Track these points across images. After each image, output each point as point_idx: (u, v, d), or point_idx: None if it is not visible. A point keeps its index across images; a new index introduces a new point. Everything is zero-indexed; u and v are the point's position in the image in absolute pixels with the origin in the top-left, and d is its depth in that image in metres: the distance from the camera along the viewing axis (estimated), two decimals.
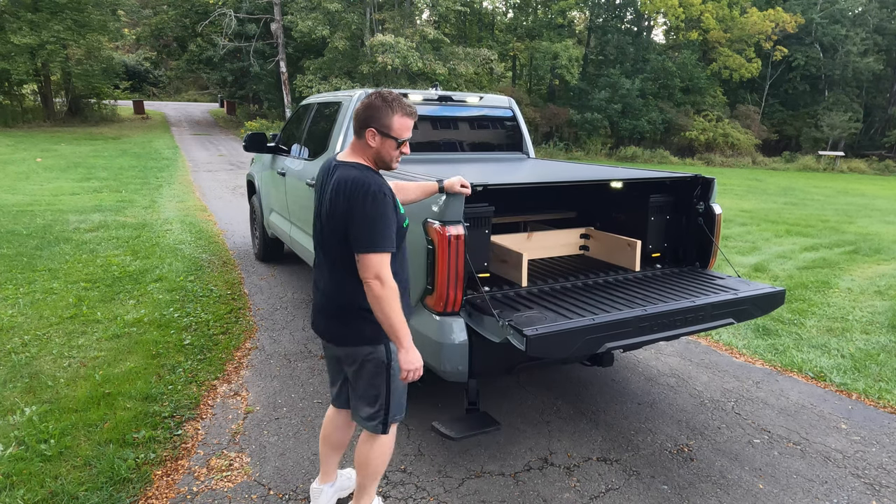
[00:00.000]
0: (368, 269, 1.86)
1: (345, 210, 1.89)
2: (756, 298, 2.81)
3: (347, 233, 1.90)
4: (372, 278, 1.86)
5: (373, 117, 1.94)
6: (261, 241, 6.10)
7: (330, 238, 1.99)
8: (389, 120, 1.94)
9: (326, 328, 2.11)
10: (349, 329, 2.04)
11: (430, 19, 27.71)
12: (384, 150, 1.98)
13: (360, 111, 1.96)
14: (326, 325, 2.11)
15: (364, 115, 1.95)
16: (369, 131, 1.95)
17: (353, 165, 1.97)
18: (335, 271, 2.02)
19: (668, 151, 28.78)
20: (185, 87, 47.08)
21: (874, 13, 31.63)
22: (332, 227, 1.96)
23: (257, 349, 4.01)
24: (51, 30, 21.50)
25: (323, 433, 2.36)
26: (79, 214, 8.22)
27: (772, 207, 12.62)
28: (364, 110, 1.95)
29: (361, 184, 1.88)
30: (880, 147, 31.68)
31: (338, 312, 2.06)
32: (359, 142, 2.00)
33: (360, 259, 1.87)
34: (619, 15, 32.59)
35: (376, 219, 1.86)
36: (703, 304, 2.66)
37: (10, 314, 4.38)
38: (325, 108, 4.54)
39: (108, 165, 14.29)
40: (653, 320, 2.51)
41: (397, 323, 1.89)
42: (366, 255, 1.86)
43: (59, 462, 2.61)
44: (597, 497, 2.54)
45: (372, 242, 1.86)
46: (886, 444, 3.05)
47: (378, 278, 1.85)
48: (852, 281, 6.24)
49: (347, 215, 1.88)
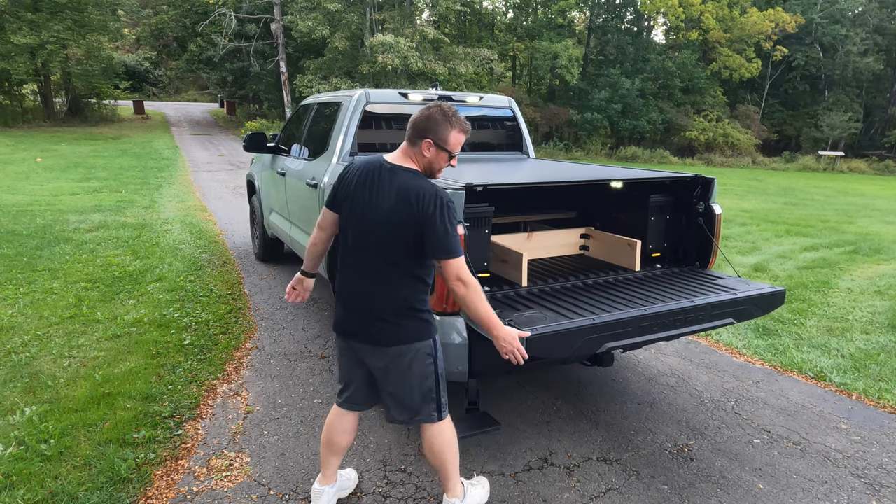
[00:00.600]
0: (451, 274, 1.97)
1: (421, 218, 1.95)
2: (756, 298, 2.81)
3: (420, 239, 1.97)
4: (455, 281, 1.97)
5: (431, 129, 2.02)
6: (261, 241, 6.10)
7: (390, 241, 2.01)
8: (447, 134, 2.04)
9: (372, 331, 2.09)
10: (402, 328, 2.08)
11: (430, 19, 27.72)
12: (437, 161, 2.07)
13: (420, 121, 2.03)
14: (372, 328, 2.09)
15: (424, 125, 2.02)
16: (426, 142, 2.03)
17: (415, 172, 2.05)
18: (389, 273, 2.04)
19: (668, 151, 28.79)
20: (185, 87, 47.07)
21: (874, 13, 31.62)
22: (393, 232, 1.99)
23: (257, 349, 4.01)
24: (51, 30, 21.50)
25: (326, 436, 2.34)
26: (79, 214, 8.22)
27: (772, 207, 12.62)
28: (424, 121, 2.02)
29: (437, 194, 1.97)
30: (880, 147, 31.67)
31: (390, 313, 2.07)
32: (412, 149, 2.07)
33: (442, 265, 1.98)
34: (619, 15, 32.59)
35: (452, 228, 1.97)
36: (702, 304, 2.66)
37: (10, 314, 4.38)
38: (325, 108, 4.54)
39: (108, 165, 14.29)
40: (653, 320, 2.51)
41: (485, 315, 2.00)
42: (447, 261, 1.96)
43: (59, 462, 2.61)
44: (597, 497, 2.54)
45: (451, 250, 1.96)
46: (886, 444, 3.05)
47: (461, 280, 1.97)
48: (852, 281, 6.24)
49: (424, 223, 1.95)
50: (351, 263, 2.12)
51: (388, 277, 2.05)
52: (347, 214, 2.11)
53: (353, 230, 2.09)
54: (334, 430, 2.32)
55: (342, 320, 2.18)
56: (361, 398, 2.29)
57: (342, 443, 2.33)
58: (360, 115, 3.97)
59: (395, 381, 2.14)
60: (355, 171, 2.12)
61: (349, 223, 2.10)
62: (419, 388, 2.15)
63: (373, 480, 2.60)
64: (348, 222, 2.11)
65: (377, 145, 4.24)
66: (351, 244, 2.10)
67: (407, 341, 2.09)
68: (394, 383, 2.15)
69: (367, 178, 2.07)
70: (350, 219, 2.09)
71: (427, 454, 2.26)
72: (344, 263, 2.15)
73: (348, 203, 2.10)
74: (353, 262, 2.11)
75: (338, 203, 2.16)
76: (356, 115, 3.96)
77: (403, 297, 2.06)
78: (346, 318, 2.16)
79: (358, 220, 2.07)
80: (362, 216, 2.05)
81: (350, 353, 2.22)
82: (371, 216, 2.03)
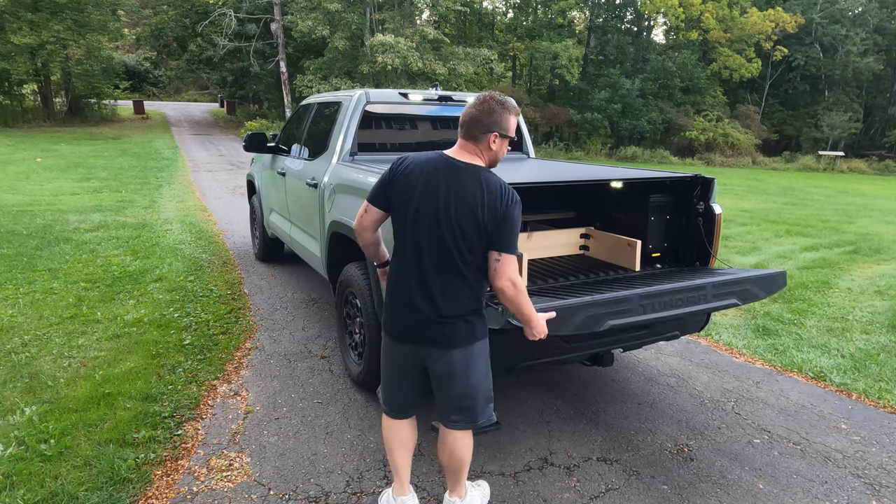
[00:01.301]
0: (507, 271, 1.95)
1: (502, 213, 1.93)
2: (758, 279, 2.79)
3: (493, 236, 1.95)
4: (506, 279, 1.95)
5: (496, 122, 1.99)
6: (261, 241, 6.10)
7: (467, 238, 1.95)
8: (508, 122, 2.02)
9: (444, 333, 2.03)
10: (472, 326, 2.06)
11: (430, 19, 27.72)
12: (501, 151, 2.06)
13: (482, 117, 1.97)
14: (444, 329, 2.03)
15: (488, 120, 1.98)
16: (493, 136, 1.99)
17: (486, 169, 2.02)
18: (462, 271, 1.99)
19: (668, 151, 28.80)
20: (185, 87, 47.08)
21: (874, 13, 31.63)
22: (472, 228, 1.94)
23: (257, 349, 4.01)
24: (51, 30, 21.50)
25: (398, 444, 2.26)
26: (79, 214, 8.22)
27: (772, 207, 12.62)
28: (487, 116, 1.97)
29: (511, 190, 1.97)
30: (880, 147, 31.68)
31: (463, 312, 2.03)
32: (477, 145, 2.01)
33: (502, 260, 1.95)
34: (619, 15, 32.59)
35: (519, 225, 1.99)
36: (705, 282, 2.64)
37: (10, 314, 4.38)
38: (325, 108, 4.54)
39: (108, 165, 14.29)
40: (654, 298, 2.49)
41: (528, 312, 2.02)
42: (509, 257, 1.95)
43: (59, 462, 2.61)
44: (597, 497, 2.54)
45: (515, 246, 1.97)
46: (886, 444, 3.05)
47: (511, 280, 1.95)
48: (852, 281, 6.24)
49: (504, 218, 1.94)
50: (416, 264, 2.01)
51: (462, 275, 2.00)
52: (412, 214, 1.98)
53: (424, 229, 1.98)
54: (400, 436, 2.26)
55: (403, 324, 2.08)
56: (412, 403, 2.25)
57: (411, 446, 2.30)
58: (360, 115, 3.97)
59: (463, 383, 2.10)
60: (416, 170, 2.00)
61: (415, 223, 1.99)
62: (482, 388, 2.15)
63: (373, 480, 2.60)
64: (413, 222, 1.99)
65: (377, 145, 4.24)
66: (418, 244, 2.00)
67: (476, 339, 2.09)
68: (461, 385, 2.10)
69: (436, 176, 1.98)
70: (417, 218, 1.98)
71: (447, 457, 2.21)
72: (404, 264, 2.04)
73: (409, 203, 1.98)
74: (418, 262, 2.01)
75: (391, 201, 2.04)
76: (356, 115, 3.96)
77: (474, 294, 2.04)
78: (409, 321, 2.06)
79: (430, 219, 1.96)
80: (435, 215, 1.95)
81: (405, 359, 2.13)
82: (447, 214, 1.94)
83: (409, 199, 1.99)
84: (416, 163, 2.03)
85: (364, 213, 2.13)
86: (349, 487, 2.55)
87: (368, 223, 2.14)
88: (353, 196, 3.34)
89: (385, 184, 2.07)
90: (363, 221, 2.15)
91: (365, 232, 2.17)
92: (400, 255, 2.06)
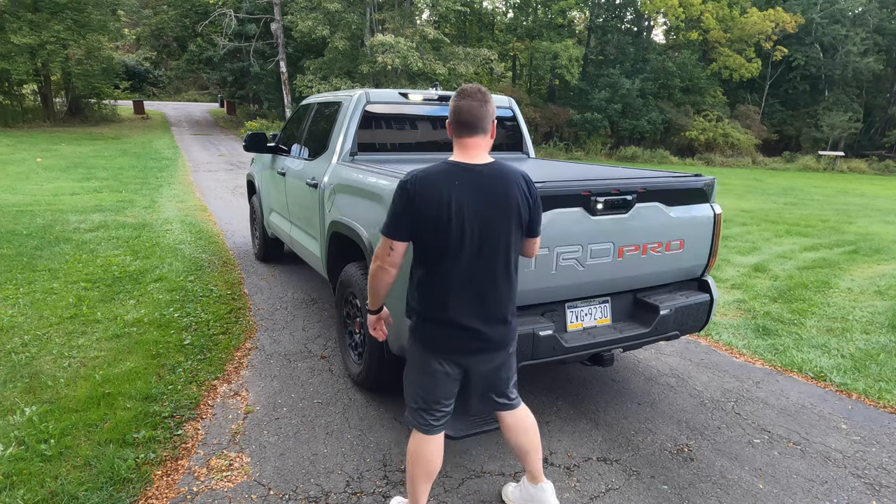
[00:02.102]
0: (536, 249, 2.18)
1: (532, 201, 2.03)
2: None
3: (529, 224, 2.05)
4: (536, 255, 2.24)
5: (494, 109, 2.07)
6: (261, 241, 6.10)
7: (510, 236, 1.98)
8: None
9: (496, 337, 2.04)
10: (513, 326, 2.10)
11: (430, 19, 27.72)
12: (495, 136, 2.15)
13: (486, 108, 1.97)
14: (496, 334, 2.03)
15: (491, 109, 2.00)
16: (494, 122, 2.04)
17: (498, 162, 2.02)
18: (508, 270, 2.01)
19: (668, 151, 28.82)
20: (185, 87, 47.10)
21: (874, 13, 31.63)
22: (514, 225, 1.98)
23: (257, 349, 4.01)
24: (51, 30, 21.52)
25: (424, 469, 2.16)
26: (79, 214, 8.22)
27: (772, 207, 12.62)
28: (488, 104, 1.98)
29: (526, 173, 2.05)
30: (880, 147, 31.69)
31: (511, 311, 2.07)
32: (485, 138, 2.01)
33: (534, 243, 2.15)
34: (619, 15, 32.61)
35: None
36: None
37: (10, 314, 4.38)
38: (325, 108, 4.54)
39: (108, 165, 14.29)
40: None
41: None
42: (537, 238, 2.14)
43: (59, 462, 2.61)
44: (597, 497, 2.54)
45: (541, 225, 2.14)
46: (886, 444, 3.05)
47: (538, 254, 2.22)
48: (852, 281, 6.24)
49: (535, 205, 2.05)
50: (461, 277, 1.94)
51: (508, 276, 2.01)
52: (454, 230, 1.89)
53: (468, 242, 1.91)
54: (432, 458, 2.16)
55: (453, 340, 2.01)
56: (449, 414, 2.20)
57: (439, 467, 2.21)
58: (360, 115, 3.97)
59: (504, 378, 2.16)
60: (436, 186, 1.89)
61: (458, 238, 1.90)
62: (511, 378, 2.21)
63: (373, 480, 2.60)
64: (457, 238, 1.90)
65: (377, 145, 4.24)
66: (460, 258, 1.92)
67: (515, 336, 2.13)
68: (503, 381, 2.16)
69: (462, 187, 1.90)
70: (460, 234, 1.89)
71: (524, 435, 2.25)
72: (446, 281, 1.95)
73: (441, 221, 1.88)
74: (463, 275, 1.94)
75: (416, 228, 1.93)
76: (356, 115, 3.96)
77: (515, 290, 2.07)
78: (460, 336, 2.00)
79: (473, 228, 1.90)
80: (474, 224, 1.90)
81: (449, 373, 2.06)
82: (487, 219, 1.91)
83: (441, 217, 1.88)
84: (431, 179, 1.91)
85: (391, 252, 1.96)
86: (349, 487, 2.55)
87: (398, 260, 1.98)
88: (353, 196, 3.34)
89: (403, 214, 1.92)
90: (393, 260, 1.97)
91: (394, 269, 2.00)
92: (437, 275, 1.96)
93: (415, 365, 2.13)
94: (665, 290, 3.18)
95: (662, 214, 2.96)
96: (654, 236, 2.95)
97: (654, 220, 2.93)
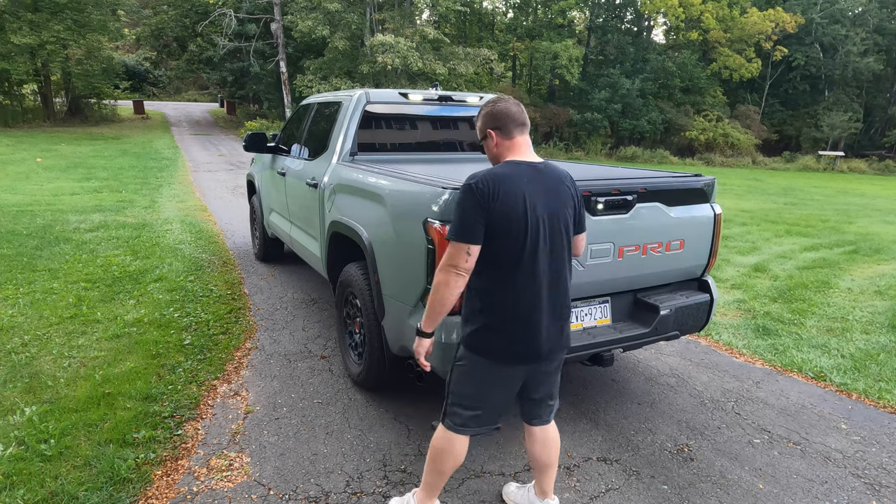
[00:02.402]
0: (584, 244, 2.21)
1: (580, 197, 2.09)
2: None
3: (577, 221, 2.09)
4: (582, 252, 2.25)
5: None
6: (261, 241, 6.10)
7: (569, 234, 2.02)
8: None
9: (565, 334, 2.05)
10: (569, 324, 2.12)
11: (430, 19, 27.73)
12: None
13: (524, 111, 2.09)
14: (565, 332, 2.05)
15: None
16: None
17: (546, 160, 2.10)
18: (568, 273, 2.04)
19: (668, 151, 28.83)
20: (185, 87, 47.11)
21: (874, 13, 31.64)
22: (571, 224, 2.03)
23: (257, 349, 4.01)
24: (51, 30, 21.52)
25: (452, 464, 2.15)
26: (79, 214, 8.22)
27: (772, 207, 12.62)
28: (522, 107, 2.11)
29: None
30: (880, 147, 31.70)
31: (569, 313, 2.08)
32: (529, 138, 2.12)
33: (582, 238, 2.18)
34: (619, 15, 32.62)
35: None
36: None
37: (10, 314, 4.38)
38: (325, 108, 4.54)
39: (108, 165, 14.29)
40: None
41: None
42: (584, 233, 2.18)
43: (59, 462, 2.61)
44: (597, 497, 2.54)
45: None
46: (886, 444, 3.05)
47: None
48: (852, 281, 6.24)
49: (581, 202, 2.10)
50: (536, 279, 1.91)
51: (570, 271, 2.05)
52: (531, 230, 1.88)
53: (541, 242, 1.90)
54: (463, 451, 2.15)
55: (529, 347, 1.96)
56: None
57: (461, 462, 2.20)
58: (360, 115, 3.97)
59: (557, 379, 2.20)
60: (511, 187, 1.87)
61: (533, 238, 1.88)
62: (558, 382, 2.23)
63: (373, 480, 2.60)
64: (532, 238, 1.88)
65: (377, 145, 4.24)
66: (535, 258, 1.90)
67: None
68: (556, 383, 2.20)
69: (532, 185, 1.91)
70: (534, 233, 1.88)
71: (546, 451, 2.24)
72: (519, 285, 1.91)
73: (513, 220, 1.86)
74: (538, 276, 1.91)
75: (491, 230, 1.86)
76: (356, 115, 3.96)
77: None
78: (536, 342, 1.95)
79: (545, 224, 1.91)
80: (545, 219, 1.91)
81: (513, 380, 2.03)
82: (554, 213, 1.94)
83: (518, 213, 1.86)
84: (503, 177, 1.88)
85: (468, 257, 1.86)
86: (349, 487, 2.55)
87: (473, 264, 1.89)
88: (354, 196, 3.34)
89: (478, 214, 1.84)
90: (469, 265, 1.88)
91: (460, 276, 1.88)
92: (510, 276, 1.91)
93: (472, 376, 2.03)
94: (665, 291, 3.18)
95: (663, 214, 2.96)
96: (655, 236, 2.95)
97: (654, 221, 2.93)
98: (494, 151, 2.05)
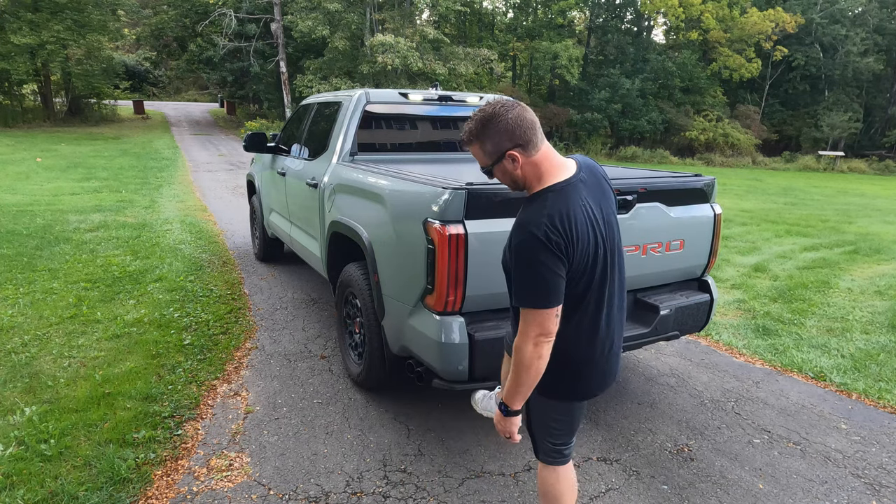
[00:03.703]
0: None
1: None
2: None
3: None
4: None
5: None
6: (261, 241, 6.10)
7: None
8: None
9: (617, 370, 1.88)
10: None
11: (430, 19, 27.74)
12: None
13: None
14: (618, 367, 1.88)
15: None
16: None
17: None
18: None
19: (668, 151, 28.84)
20: (185, 87, 47.12)
21: (874, 13, 31.65)
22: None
23: (257, 349, 4.01)
24: (51, 30, 21.52)
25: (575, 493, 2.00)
26: (79, 214, 8.22)
27: (772, 207, 12.62)
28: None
29: None
30: (880, 147, 31.71)
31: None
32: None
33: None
34: (619, 15, 32.63)
35: None
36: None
37: (10, 314, 4.38)
38: (325, 108, 4.54)
39: (108, 165, 14.29)
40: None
41: None
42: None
43: (59, 462, 2.61)
44: (597, 497, 2.54)
45: None
46: (886, 444, 3.05)
47: None
48: (852, 281, 6.24)
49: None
50: (615, 295, 1.73)
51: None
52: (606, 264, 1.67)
53: (612, 274, 1.70)
54: (575, 482, 2.01)
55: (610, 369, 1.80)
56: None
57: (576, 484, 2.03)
58: (360, 115, 3.97)
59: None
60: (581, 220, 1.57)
61: (603, 257, 1.65)
62: None
63: (373, 480, 2.60)
64: (604, 272, 1.67)
65: (377, 145, 4.24)
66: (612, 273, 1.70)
67: None
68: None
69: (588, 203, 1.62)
70: (604, 253, 1.65)
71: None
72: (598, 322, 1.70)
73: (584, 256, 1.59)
74: (616, 292, 1.74)
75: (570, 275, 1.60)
76: (356, 115, 3.96)
77: None
78: (614, 361, 1.81)
79: (608, 241, 1.67)
80: (606, 236, 1.66)
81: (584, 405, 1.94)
82: (609, 224, 1.69)
83: (592, 245, 1.61)
84: (567, 212, 1.55)
85: (556, 318, 1.59)
86: (349, 487, 2.55)
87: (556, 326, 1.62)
88: (354, 196, 3.34)
89: (558, 268, 1.55)
90: (554, 326, 1.59)
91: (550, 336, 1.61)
92: (590, 307, 1.68)
93: (555, 413, 1.87)
94: (665, 291, 3.18)
95: (663, 214, 2.96)
96: (655, 236, 2.95)
97: (654, 221, 2.93)
98: (518, 174, 1.61)
